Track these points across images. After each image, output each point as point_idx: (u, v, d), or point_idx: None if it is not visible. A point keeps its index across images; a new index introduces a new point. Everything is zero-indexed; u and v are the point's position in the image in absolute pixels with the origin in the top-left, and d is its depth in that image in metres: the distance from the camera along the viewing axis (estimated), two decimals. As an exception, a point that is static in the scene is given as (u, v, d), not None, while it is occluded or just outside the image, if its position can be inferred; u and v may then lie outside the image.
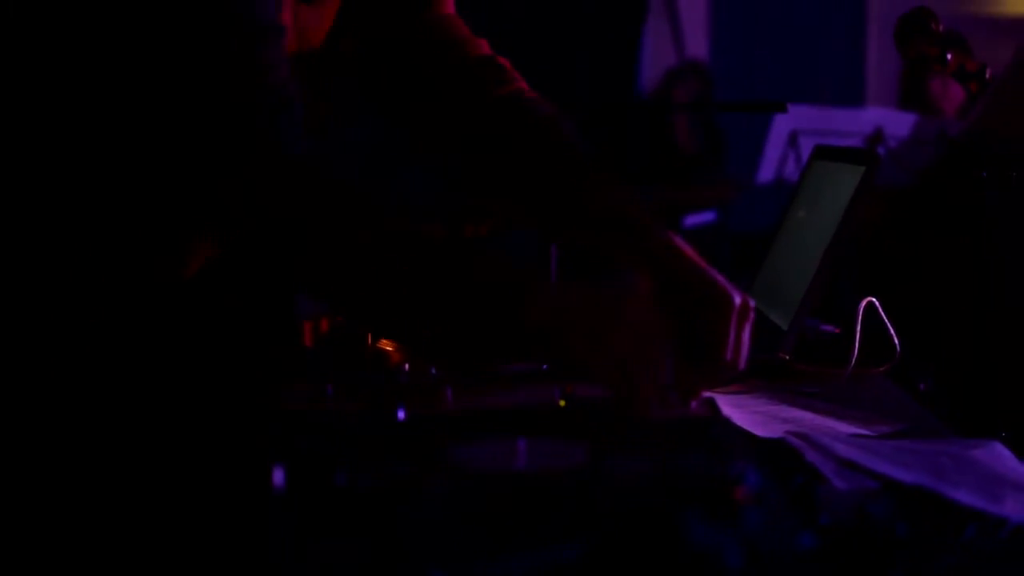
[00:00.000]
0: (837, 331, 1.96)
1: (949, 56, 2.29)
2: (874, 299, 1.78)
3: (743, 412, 1.51)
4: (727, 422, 1.37)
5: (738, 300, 1.53)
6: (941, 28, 2.33)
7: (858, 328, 1.75)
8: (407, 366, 1.55)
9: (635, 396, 1.28)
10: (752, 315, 1.53)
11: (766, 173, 4.55)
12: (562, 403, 1.40)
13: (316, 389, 1.43)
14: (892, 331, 1.78)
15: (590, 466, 1.08)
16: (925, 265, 2.33)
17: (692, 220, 5.15)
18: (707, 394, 1.54)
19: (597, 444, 1.15)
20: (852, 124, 4.11)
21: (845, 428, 1.49)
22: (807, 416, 1.55)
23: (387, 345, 1.65)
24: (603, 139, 5.12)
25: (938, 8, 2.35)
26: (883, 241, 2.43)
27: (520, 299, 1.30)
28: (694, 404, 1.41)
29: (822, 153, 2.15)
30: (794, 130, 4.35)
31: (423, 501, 1.01)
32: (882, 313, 1.78)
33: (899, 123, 3.93)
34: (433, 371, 1.53)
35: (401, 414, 1.29)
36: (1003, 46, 2.36)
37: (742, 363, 1.51)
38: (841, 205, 1.85)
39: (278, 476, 1.02)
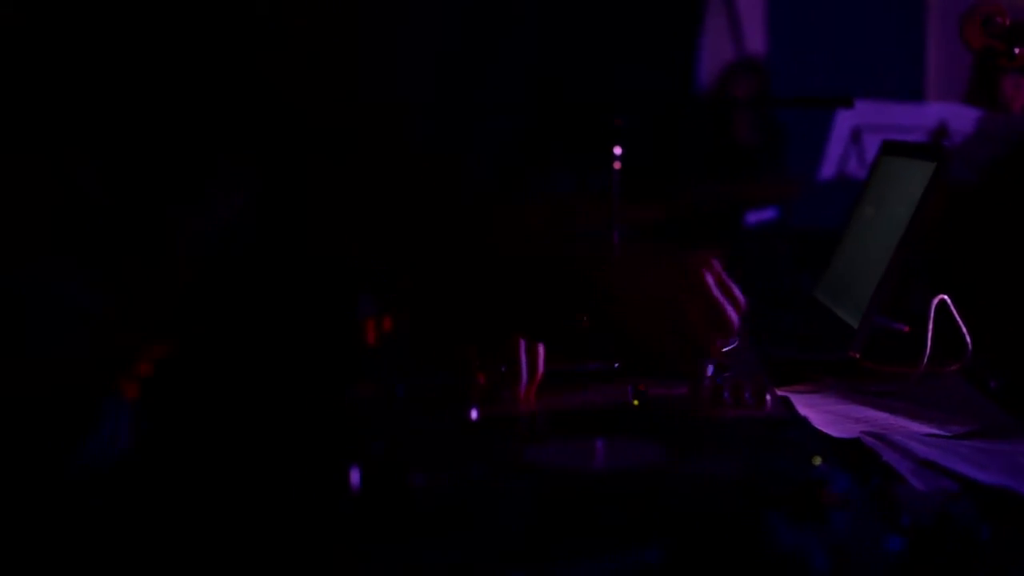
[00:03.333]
0: (905, 329, 1.94)
1: (1017, 50, 2.26)
2: (946, 297, 1.76)
3: (816, 412, 1.49)
4: (804, 422, 1.35)
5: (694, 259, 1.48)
6: (1008, 22, 2.29)
7: (930, 326, 1.73)
8: (478, 364, 1.54)
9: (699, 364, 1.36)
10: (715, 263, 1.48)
11: (828, 169, 4.51)
12: (636, 402, 1.39)
13: (386, 389, 1.42)
14: (964, 329, 1.75)
15: (668, 467, 1.06)
16: (993, 262, 2.30)
17: (754, 217, 5.11)
18: (781, 393, 1.52)
19: (674, 444, 1.14)
20: (915, 119, 4.06)
21: (919, 428, 1.47)
22: (880, 416, 1.54)
23: (457, 343, 1.65)
24: (663, 135, 5.10)
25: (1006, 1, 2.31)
26: (948, 237, 2.40)
27: (587, 261, 1.36)
28: (768, 402, 1.39)
29: (890, 149, 2.12)
30: (857, 126, 4.31)
31: (500, 502, 1.00)
32: (954, 311, 1.75)
33: (963, 118, 3.87)
34: (504, 369, 1.52)
35: (474, 414, 1.29)
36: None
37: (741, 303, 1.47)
38: (911, 201, 1.82)
39: (354, 477, 1.02)
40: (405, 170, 1.57)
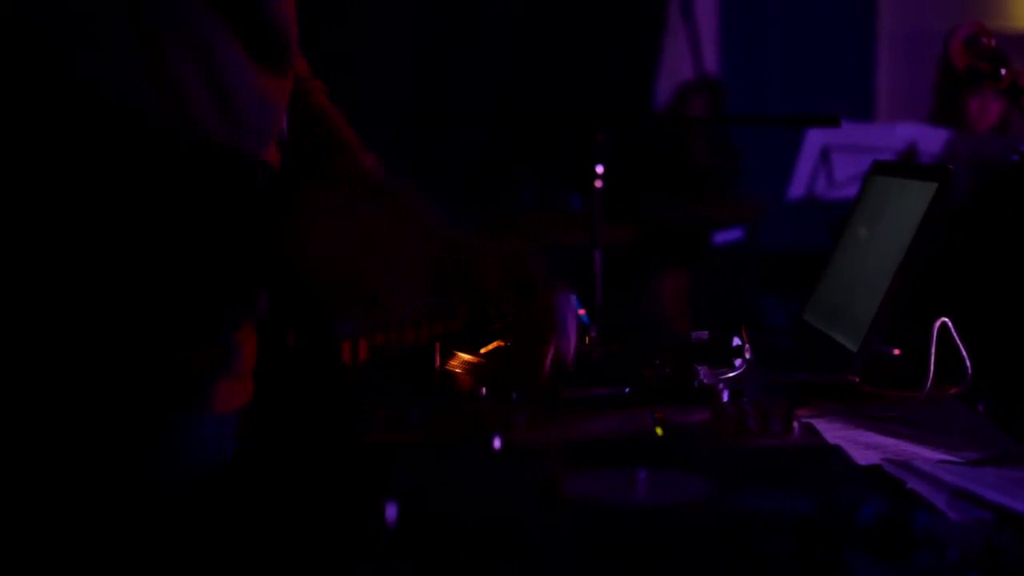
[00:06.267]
0: (896, 352, 1.92)
1: (1003, 71, 2.25)
2: (947, 320, 1.74)
3: (826, 437, 1.46)
4: (838, 450, 1.31)
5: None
6: (993, 42, 2.29)
7: (932, 349, 1.71)
8: (484, 390, 1.49)
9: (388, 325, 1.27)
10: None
11: (797, 189, 4.51)
12: (659, 431, 1.35)
13: (399, 417, 1.37)
14: (964, 352, 1.73)
15: (720, 500, 1.02)
16: (985, 283, 2.28)
17: (721, 237, 5.11)
18: (807, 419, 1.49)
19: (716, 476, 1.09)
20: (884, 140, 4.07)
21: (931, 454, 1.44)
22: (890, 442, 1.50)
23: (457, 368, 1.60)
24: (621, 153, 5.08)
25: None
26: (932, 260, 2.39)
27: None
28: (796, 430, 1.36)
29: (883, 169, 2.10)
30: (826, 146, 4.31)
31: (550, 536, 0.95)
32: (955, 334, 1.73)
33: (932, 139, 3.89)
34: (515, 396, 1.46)
35: (497, 443, 1.24)
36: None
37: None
38: (911, 222, 1.80)
39: (390, 512, 0.97)
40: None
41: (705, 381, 1.53)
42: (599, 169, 2.45)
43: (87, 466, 1.25)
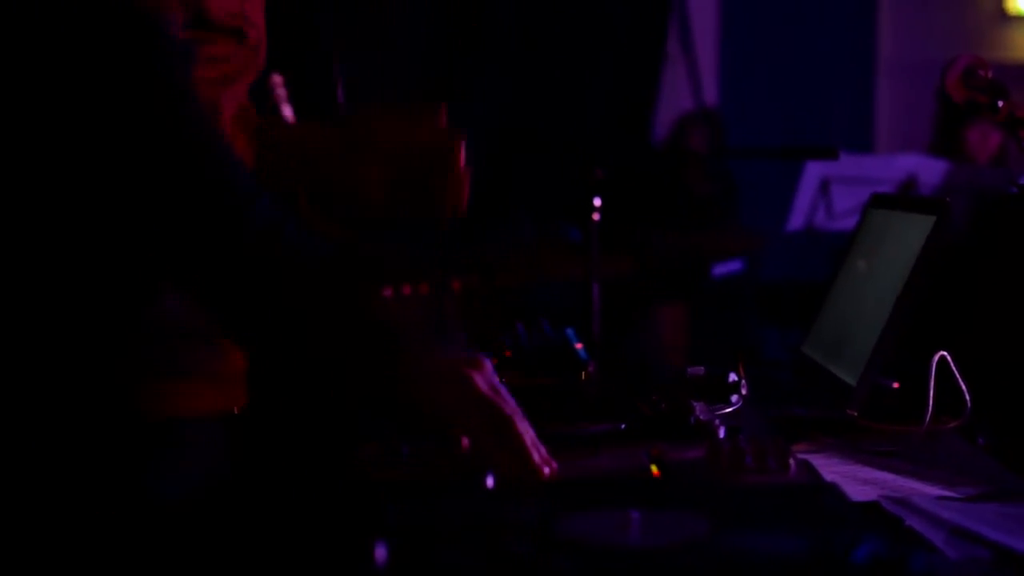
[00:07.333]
0: (895, 385, 1.90)
1: (1000, 103, 2.24)
2: (945, 353, 1.73)
3: (823, 473, 1.44)
4: (834, 488, 1.29)
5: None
6: (990, 74, 2.28)
7: (932, 383, 1.70)
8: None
9: (523, 455, 1.31)
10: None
11: (796, 221, 4.50)
12: (654, 468, 1.33)
13: (391, 454, 1.36)
14: (964, 386, 1.72)
15: (715, 541, 1.01)
16: (983, 316, 2.27)
17: (720, 269, 5.10)
18: (802, 456, 1.47)
19: (711, 515, 1.08)
20: (884, 171, 4.07)
21: (930, 490, 1.43)
22: (888, 477, 1.49)
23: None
24: (620, 185, 5.08)
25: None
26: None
27: (394, 361, 1.31)
28: (792, 468, 1.34)
29: (881, 202, 2.09)
30: (825, 177, 4.30)
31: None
32: (954, 368, 1.72)
33: (932, 171, 3.90)
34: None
35: (490, 481, 1.22)
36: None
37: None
38: (910, 256, 1.79)
39: (380, 553, 0.95)
40: None
41: (701, 417, 1.53)
42: (596, 202, 2.44)
43: (79, 475, 1.26)
